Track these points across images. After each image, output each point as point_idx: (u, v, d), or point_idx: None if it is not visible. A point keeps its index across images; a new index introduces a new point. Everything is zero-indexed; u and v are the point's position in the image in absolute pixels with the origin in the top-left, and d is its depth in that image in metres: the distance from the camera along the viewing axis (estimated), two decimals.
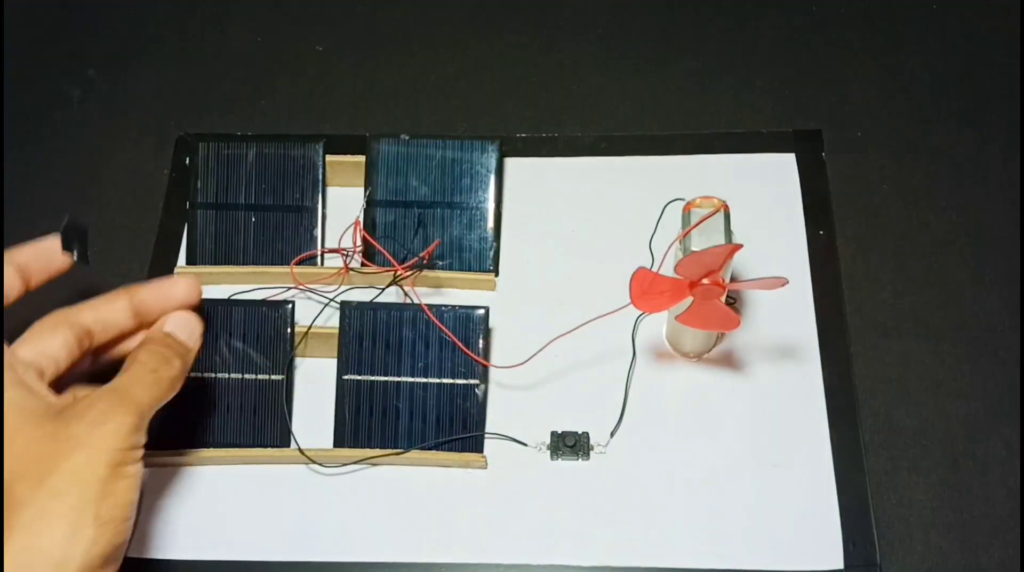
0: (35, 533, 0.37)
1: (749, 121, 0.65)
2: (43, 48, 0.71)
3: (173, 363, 0.45)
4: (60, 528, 0.37)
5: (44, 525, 0.37)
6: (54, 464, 0.38)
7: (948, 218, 0.61)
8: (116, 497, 0.39)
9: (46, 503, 0.37)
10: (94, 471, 0.38)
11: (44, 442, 0.38)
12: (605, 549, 0.52)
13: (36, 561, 0.37)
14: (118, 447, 0.40)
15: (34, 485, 0.37)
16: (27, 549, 0.36)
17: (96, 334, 0.46)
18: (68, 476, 0.38)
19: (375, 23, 0.71)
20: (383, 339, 0.54)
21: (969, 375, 0.56)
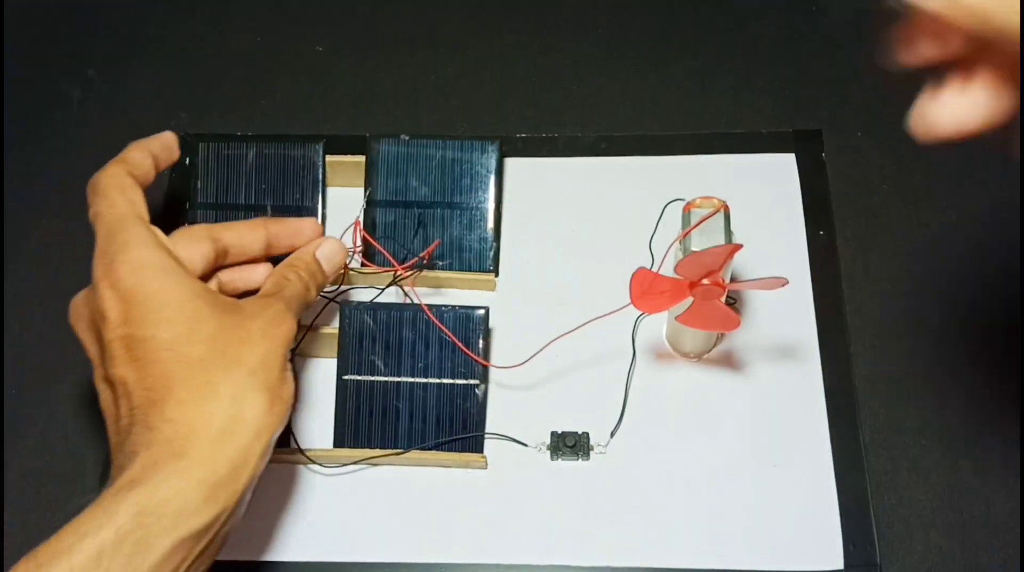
0: (240, 406, 0.42)
1: (749, 121, 0.65)
2: (43, 48, 0.71)
3: (312, 289, 0.51)
4: (261, 402, 0.43)
5: (247, 399, 0.42)
6: (245, 350, 0.43)
7: (948, 218, 0.61)
8: (289, 383, 0.45)
9: (247, 381, 0.43)
10: (276, 361, 0.45)
11: (232, 331, 0.44)
12: (605, 549, 0.52)
13: (241, 430, 0.42)
14: (288, 345, 0.46)
15: (233, 365, 0.43)
16: (235, 418, 0.42)
17: (230, 254, 0.51)
18: (261, 360, 0.44)
19: (375, 23, 0.71)
20: (383, 339, 0.54)
21: (969, 375, 0.56)
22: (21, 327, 0.61)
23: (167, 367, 0.42)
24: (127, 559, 0.38)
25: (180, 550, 0.40)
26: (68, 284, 0.62)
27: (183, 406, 0.42)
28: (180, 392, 0.42)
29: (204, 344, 0.43)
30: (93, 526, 0.38)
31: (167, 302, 0.43)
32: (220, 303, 0.45)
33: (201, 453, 0.41)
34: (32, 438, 0.57)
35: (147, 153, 0.50)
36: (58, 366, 0.59)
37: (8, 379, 0.59)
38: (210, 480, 0.41)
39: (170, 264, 0.45)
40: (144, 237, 0.45)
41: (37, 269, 0.62)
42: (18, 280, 0.62)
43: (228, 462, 0.41)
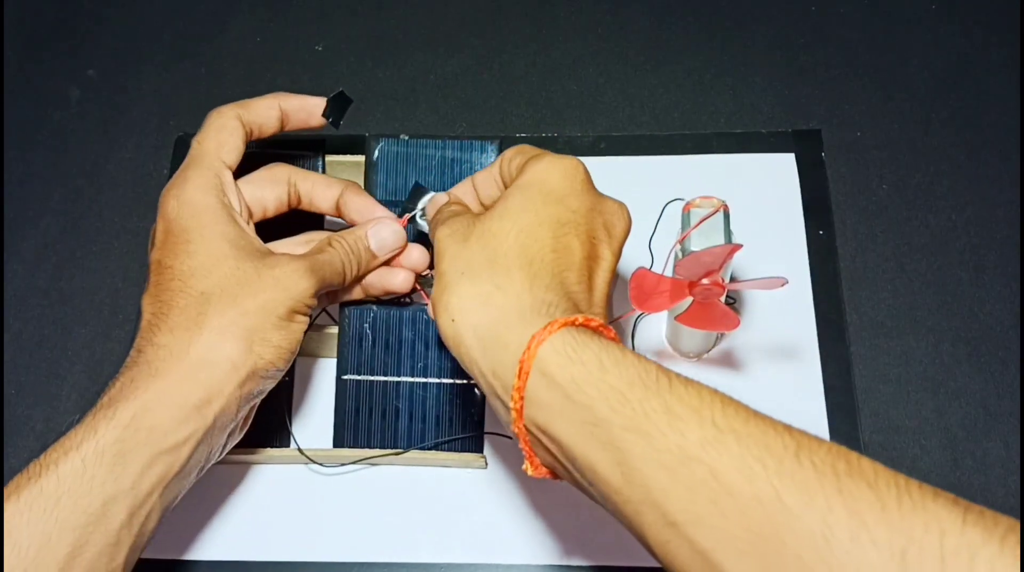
0: (221, 339, 0.45)
1: (749, 121, 0.65)
2: (43, 48, 0.71)
3: (353, 264, 0.51)
4: (243, 340, 0.45)
5: (230, 335, 0.45)
6: (251, 292, 0.46)
7: (948, 218, 0.61)
8: (286, 332, 0.47)
9: (236, 318, 0.45)
10: (278, 308, 0.46)
11: (248, 273, 0.46)
12: (605, 549, 0.52)
13: (219, 359, 0.44)
14: (300, 299, 0.47)
15: (229, 303, 0.45)
16: (213, 348, 0.44)
17: (304, 199, 0.53)
18: (260, 305, 0.46)
19: (375, 23, 0.71)
20: (383, 339, 0.54)
21: (969, 375, 0.56)
22: (21, 327, 0.61)
23: (173, 296, 0.46)
24: (109, 469, 0.41)
25: (157, 465, 0.43)
26: (68, 284, 0.62)
27: (172, 333, 0.45)
28: (174, 320, 0.45)
29: (212, 281, 0.46)
30: (76, 441, 0.41)
31: (195, 238, 0.47)
32: (246, 249, 0.47)
33: (175, 376, 0.44)
34: (32, 438, 0.57)
35: (275, 106, 0.52)
36: (58, 366, 0.59)
37: (8, 379, 0.59)
38: (181, 403, 0.43)
39: (215, 206, 0.48)
40: (204, 178, 0.48)
41: (37, 269, 0.62)
42: (18, 280, 0.62)
43: (200, 389, 0.44)
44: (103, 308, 0.61)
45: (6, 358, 0.59)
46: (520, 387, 0.39)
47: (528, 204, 0.44)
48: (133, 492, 0.42)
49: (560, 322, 0.39)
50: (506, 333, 0.40)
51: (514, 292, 0.41)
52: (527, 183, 0.45)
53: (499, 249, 0.43)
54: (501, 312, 0.41)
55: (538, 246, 0.43)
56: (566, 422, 0.38)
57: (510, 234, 0.43)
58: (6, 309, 0.61)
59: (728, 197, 0.50)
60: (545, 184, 0.45)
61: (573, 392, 0.37)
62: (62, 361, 0.59)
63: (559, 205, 0.44)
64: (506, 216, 0.44)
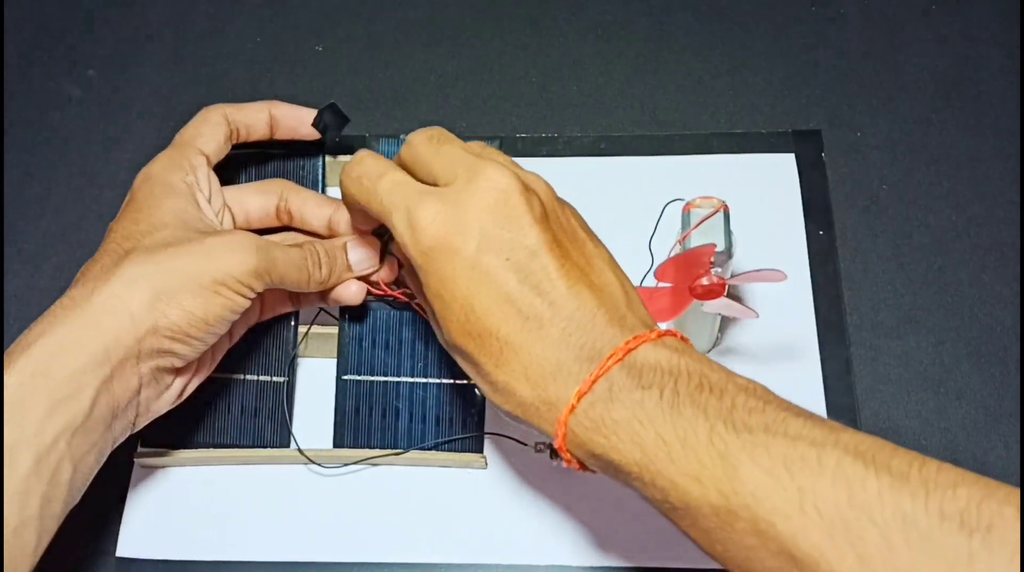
0: (127, 289, 0.44)
1: (749, 121, 0.65)
2: (43, 48, 0.71)
3: (321, 271, 0.50)
4: (148, 294, 0.44)
5: (137, 287, 0.44)
6: (174, 254, 0.45)
7: (948, 218, 0.61)
8: (203, 301, 0.45)
9: (149, 273, 0.44)
10: (200, 276, 0.45)
11: (179, 238, 0.46)
12: (605, 549, 0.52)
13: (118, 308, 0.44)
14: (229, 272, 0.45)
15: (146, 258, 0.45)
16: (115, 296, 0.44)
17: (295, 215, 0.53)
18: (179, 267, 0.45)
19: (375, 23, 0.71)
20: (383, 339, 0.54)
21: (969, 375, 0.56)
22: (21, 327, 0.60)
23: (105, 253, 0.46)
24: (10, 415, 0.41)
25: (59, 413, 0.42)
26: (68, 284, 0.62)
27: (84, 285, 0.45)
28: (91, 274, 0.45)
29: (143, 243, 0.46)
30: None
31: (143, 208, 0.48)
32: (191, 222, 0.48)
33: (74, 324, 0.43)
34: None
35: (265, 110, 0.53)
36: None
37: None
38: (77, 351, 0.43)
39: (175, 183, 0.49)
40: (172, 159, 0.50)
41: (37, 269, 0.62)
42: (18, 280, 0.62)
43: (98, 338, 0.43)
44: None
45: None
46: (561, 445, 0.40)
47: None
48: (36, 440, 0.41)
49: (590, 380, 0.38)
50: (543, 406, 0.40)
51: (537, 363, 0.40)
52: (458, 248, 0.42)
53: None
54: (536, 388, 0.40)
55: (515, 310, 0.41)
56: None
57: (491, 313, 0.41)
58: (6, 309, 0.61)
59: (728, 197, 0.50)
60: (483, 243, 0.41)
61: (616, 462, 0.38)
62: None
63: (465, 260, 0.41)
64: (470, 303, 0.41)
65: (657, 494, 0.38)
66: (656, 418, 0.37)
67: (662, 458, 0.37)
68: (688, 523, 0.37)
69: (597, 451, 0.38)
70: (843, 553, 0.32)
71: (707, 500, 0.35)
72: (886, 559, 0.31)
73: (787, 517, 0.33)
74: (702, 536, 0.37)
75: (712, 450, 0.36)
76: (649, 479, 0.37)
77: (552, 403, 0.39)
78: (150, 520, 0.53)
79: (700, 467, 0.36)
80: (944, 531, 0.31)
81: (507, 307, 0.40)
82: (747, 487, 0.34)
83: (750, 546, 0.34)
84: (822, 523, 0.32)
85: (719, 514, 0.35)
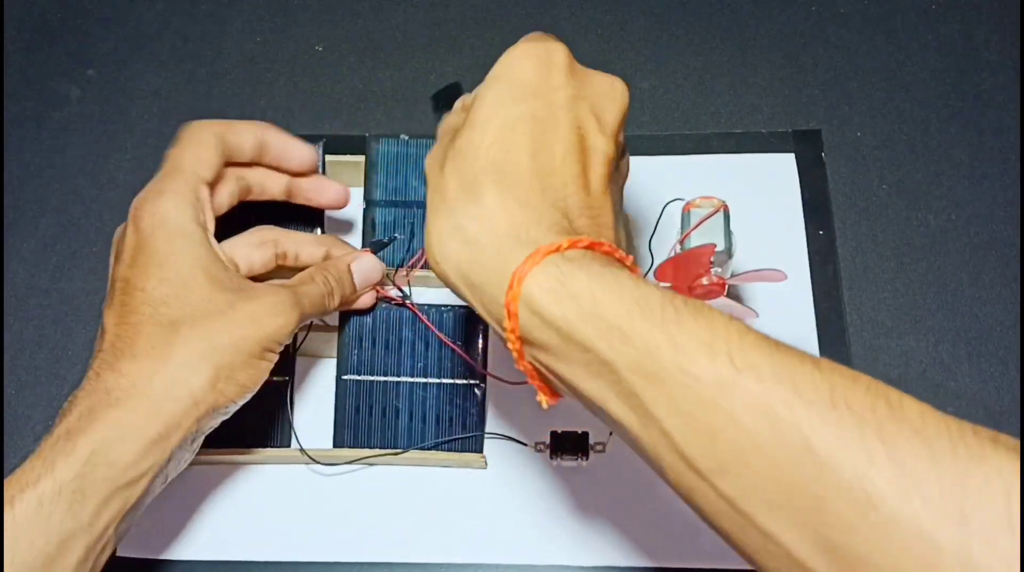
0: (186, 373, 0.43)
1: (748, 121, 0.65)
2: (43, 48, 0.71)
3: (336, 296, 0.50)
4: (207, 375, 0.43)
5: (195, 369, 0.43)
6: (224, 326, 0.44)
7: (948, 218, 0.61)
8: (254, 370, 0.45)
9: (203, 352, 0.43)
10: (251, 346, 0.45)
11: (221, 305, 0.44)
12: (605, 549, 0.52)
13: (182, 393, 0.43)
14: (276, 338, 0.46)
15: (200, 335, 0.43)
16: (177, 382, 0.43)
17: (290, 258, 0.52)
18: (232, 341, 0.44)
19: (375, 23, 0.71)
20: (383, 339, 0.54)
21: (969, 375, 0.56)
22: (21, 327, 0.61)
23: (141, 321, 0.44)
24: (67, 507, 0.40)
25: (115, 500, 0.41)
26: (68, 284, 0.62)
27: (135, 362, 0.43)
28: (139, 348, 0.43)
29: (184, 310, 0.44)
30: (33, 477, 0.40)
31: (167, 262, 0.45)
32: (220, 278, 0.46)
33: (136, 409, 0.42)
34: (32, 438, 0.57)
35: (256, 134, 0.50)
36: (58, 366, 0.59)
37: (8, 379, 0.59)
38: (140, 436, 0.42)
39: (191, 228, 0.46)
40: (180, 194, 0.46)
41: (37, 269, 0.62)
42: (18, 280, 0.62)
43: (160, 423, 0.42)
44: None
45: (6, 358, 0.59)
46: (513, 328, 0.35)
47: (498, 107, 0.39)
48: (90, 529, 0.41)
49: (543, 251, 0.35)
50: (487, 269, 0.36)
51: (487, 218, 0.37)
52: (496, 78, 0.40)
53: (470, 169, 0.38)
54: (477, 247, 0.37)
55: (512, 155, 0.38)
56: (568, 363, 0.34)
57: (480, 148, 0.39)
58: (6, 309, 0.61)
59: (728, 197, 0.50)
60: (515, 77, 0.40)
61: (569, 331, 0.34)
62: (62, 361, 0.59)
63: (534, 99, 0.39)
64: (476, 126, 0.39)
65: (625, 363, 0.32)
66: (628, 285, 0.33)
67: (641, 320, 0.32)
68: (666, 400, 0.32)
69: (554, 314, 0.34)
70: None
71: (715, 370, 0.30)
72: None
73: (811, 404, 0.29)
74: (672, 412, 0.32)
75: (718, 318, 0.32)
76: (619, 347, 0.32)
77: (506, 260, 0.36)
78: (150, 520, 0.53)
79: (712, 333, 0.31)
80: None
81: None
82: (769, 364, 0.30)
83: (749, 429, 0.30)
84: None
85: (719, 385, 0.30)
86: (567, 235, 0.36)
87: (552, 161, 0.38)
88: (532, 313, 0.35)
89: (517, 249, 0.36)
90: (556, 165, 0.38)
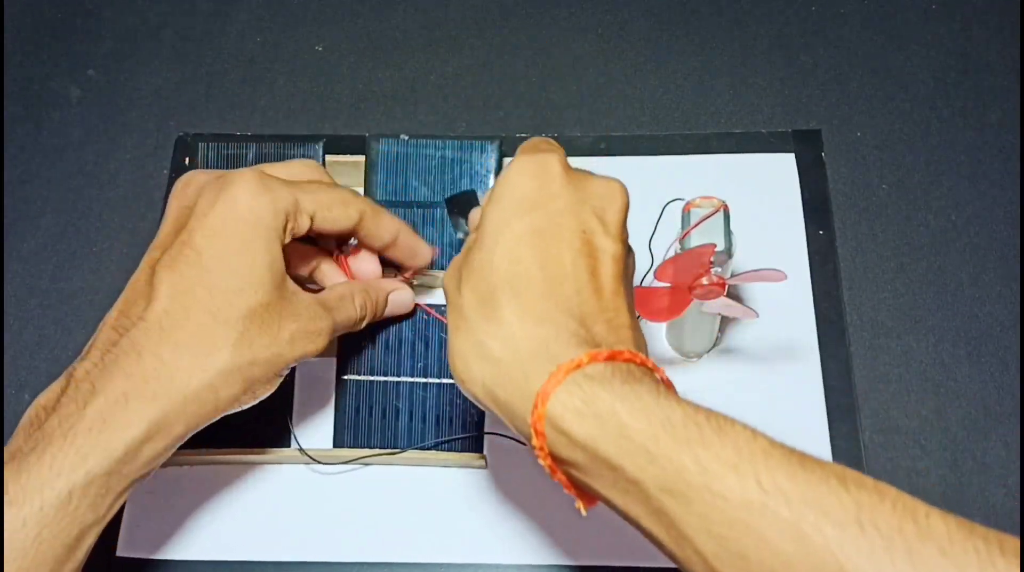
0: (224, 383, 0.43)
1: (748, 121, 0.65)
2: (43, 48, 0.71)
3: (365, 321, 0.51)
4: (239, 388, 0.44)
5: (233, 383, 0.44)
6: (268, 342, 0.44)
7: (948, 218, 0.61)
8: (271, 386, 0.46)
9: (245, 367, 0.44)
10: (282, 365, 0.45)
11: (270, 318, 0.44)
12: (605, 549, 0.52)
13: (210, 400, 0.43)
14: (302, 359, 0.46)
15: (240, 344, 0.43)
16: (211, 389, 0.43)
17: (362, 231, 0.50)
18: (269, 357, 0.44)
19: (375, 23, 0.71)
20: (383, 339, 0.55)
21: (969, 375, 0.56)
22: (21, 327, 0.61)
23: (196, 305, 0.43)
24: (91, 501, 0.40)
25: (129, 489, 0.43)
26: (68, 284, 0.62)
27: (178, 351, 0.43)
28: (186, 338, 0.43)
29: (237, 312, 0.44)
30: (67, 465, 0.40)
31: (247, 253, 0.44)
32: (282, 288, 0.45)
33: (169, 409, 0.42)
34: None
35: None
36: (58, 366, 0.59)
37: (8, 379, 0.59)
38: (167, 436, 0.43)
39: (277, 228, 0.45)
40: (280, 200, 0.46)
41: (37, 269, 0.62)
42: (18, 280, 0.62)
43: (184, 425, 0.43)
44: (103, 308, 0.60)
45: (6, 358, 0.59)
46: (542, 446, 0.36)
47: (503, 224, 0.40)
48: (104, 519, 0.42)
49: (565, 369, 0.35)
50: (511, 390, 0.37)
51: (507, 336, 0.38)
52: (498, 197, 0.41)
53: (485, 286, 0.39)
54: (501, 365, 0.38)
55: (523, 268, 0.39)
56: (599, 480, 0.35)
57: (491, 265, 0.40)
58: (6, 309, 0.61)
59: (728, 197, 0.50)
60: (515, 195, 0.41)
61: (595, 450, 0.34)
62: (62, 361, 0.59)
63: (535, 212, 0.40)
64: (484, 244, 0.40)
65: (653, 483, 0.33)
66: (650, 403, 0.34)
67: (667, 440, 0.33)
68: (696, 520, 0.32)
69: (580, 435, 0.35)
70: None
71: (743, 493, 0.31)
72: None
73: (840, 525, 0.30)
74: (703, 532, 0.32)
75: (741, 435, 0.33)
76: (646, 468, 0.33)
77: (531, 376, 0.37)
78: (150, 520, 0.53)
79: (736, 454, 0.32)
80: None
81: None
82: (791, 487, 0.31)
83: (781, 551, 0.30)
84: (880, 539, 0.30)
85: (748, 507, 0.31)
86: (587, 346, 0.37)
87: (562, 269, 0.39)
88: (559, 433, 0.35)
89: (539, 367, 0.36)
90: (566, 273, 0.39)
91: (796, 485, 0.31)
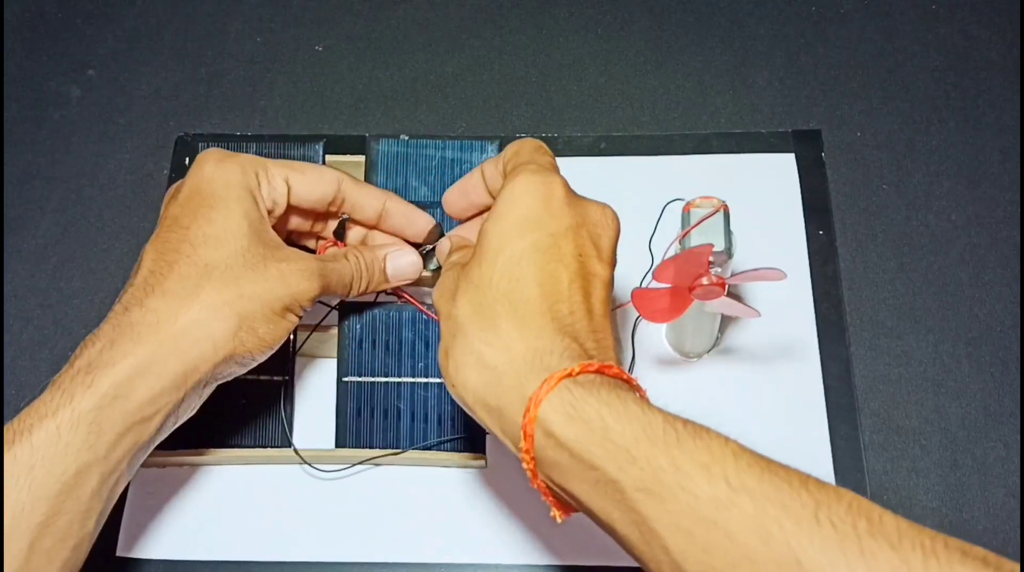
0: (209, 316, 0.44)
1: (748, 121, 0.65)
2: (43, 48, 0.71)
3: (363, 280, 0.51)
4: (231, 323, 0.45)
5: (218, 314, 0.44)
6: (254, 278, 0.45)
7: (948, 218, 0.61)
8: (274, 327, 0.46)
9: (233, 300, 0.45)
10: (275, 302, 0.46)
11: (255, 257, 0.46)
12: (605, 549, 0.51)
13: (203, 336, 0.44)
14: (298, 299, 0.47)
15: (230, 282, 0.45)
16: (201, 324, 0.44)
17: (347, 203, 0.52)
18: (259, 293, 0.45)
19: (375, 23, 0.71)
20: (383, 340, 0.54)
21: (969, 375, 0.56)
22: (21, 327, 0.61)
23: (178, 258, 0.45)
24: (84, 437, 0.41)
25: (130, 434, 0.43)
26: (68, 284, 0.62)
27: (163, 298, 0.44)
28: (169, 285, 0.44)
29: (220, 255, 0.45)
30: (52, 408, 0.41)
31: (219, 206, 0.46)
32: (261, 234, 0.47)
33: (158, 346, 0.43)
34: None
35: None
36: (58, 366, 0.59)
37: (8, 379, 0.59)
38: (159, 374, 0.43)
39: (250, 185, 0.47)
40: (252, 163, 0.48)
41: (37, 269, 0.62)
42: (18, 280, 0.62)
43: (180, 362, 0.43)
44: (103, 308, 0.61)
45: (6, 358, 0.59)
46: (528, 449, 0.38)
47: (504, 241, 0.42)
48: (106, 461, 0.42)
49: (557, 376, 0.38)
50: (504, 395, 0.39)
51: (504, 346, 0.40)
52: (500, 214, 0.43)
53: (484, 299, 0.41)
54: (495, 373, 0.40)
55: (522, 286, 0.41)
56: (578, 481, 0.37)
57: (491, 280, 0.42)
58: (6, 309, 0.61)
59: (728, 197, 0.50)
60: (518, 213, 0.43)
61: (580, 452, 0.36)
62: (62, 361, 0.58)
63: (537, 231, 0.42)
64: (484, 259, 0.42)
65: (631, 483, 0.35)
66: (635, 410, 0.36)
67: (647, 443, 0.35)
68: (667, 516, 0.34)
69: (567, 437, 0.37)
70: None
71: (712, 490, 0.33)
72: None
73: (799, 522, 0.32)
74: (672, 528, 0.34)
75: (715, 440, 0.35)
76: (626, 468, 0.35)
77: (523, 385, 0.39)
78: (150, 520, 0.53)
79: (709, 455, 0.34)
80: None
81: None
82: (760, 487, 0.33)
83: (743, 545, 0.32)
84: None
85: (716, 504, 0.33)
86: (579, 359, 0.39)
87: (559, 290, 0.41)
88: (547, 435, 0.37)
89: (533, 375, 0.39)
90: (563, 293, 0.41)
91: (761, 484, 0.33)
